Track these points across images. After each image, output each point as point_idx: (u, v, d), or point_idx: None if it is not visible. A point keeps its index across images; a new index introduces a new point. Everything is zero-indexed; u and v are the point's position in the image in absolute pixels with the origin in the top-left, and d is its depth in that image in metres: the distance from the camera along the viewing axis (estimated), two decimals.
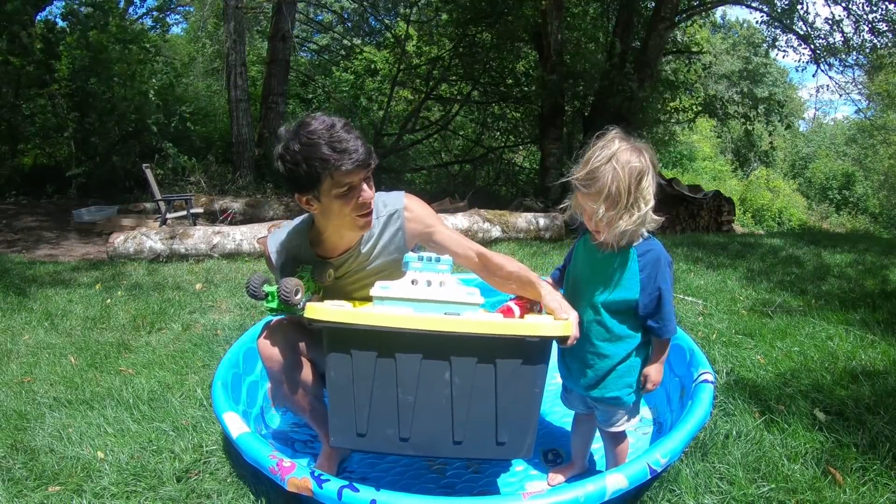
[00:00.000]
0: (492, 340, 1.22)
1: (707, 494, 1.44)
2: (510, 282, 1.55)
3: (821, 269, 3.98)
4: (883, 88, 15.94)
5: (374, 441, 1.25)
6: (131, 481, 1.56)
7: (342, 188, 1.37)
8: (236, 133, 9.32)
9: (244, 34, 9.73)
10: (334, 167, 1.33)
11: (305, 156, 1.33)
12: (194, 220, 6.48)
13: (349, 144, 1.34)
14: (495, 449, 1.28)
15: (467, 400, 1.25)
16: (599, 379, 1.43)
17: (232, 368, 1.86)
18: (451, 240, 1.60)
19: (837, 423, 1.74)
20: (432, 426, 1.26)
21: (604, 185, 1.27)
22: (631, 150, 1.29)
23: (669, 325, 1.38)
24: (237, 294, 3.50)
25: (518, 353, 1.24)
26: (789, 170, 25.47)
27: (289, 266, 1.57)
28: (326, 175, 1.35)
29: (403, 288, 1.31)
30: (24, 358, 2.52)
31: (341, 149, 1.33)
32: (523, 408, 1.27)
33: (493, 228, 5.61)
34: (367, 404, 1.25)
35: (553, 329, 1.26)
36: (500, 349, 1.23)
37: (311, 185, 1.37)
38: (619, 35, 9.23)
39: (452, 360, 1.24)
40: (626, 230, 1.30)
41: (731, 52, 24.56)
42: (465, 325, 1.22)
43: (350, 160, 1.34)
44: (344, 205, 1.40)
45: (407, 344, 1.23)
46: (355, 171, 1.36)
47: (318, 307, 1.24)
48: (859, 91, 12.73)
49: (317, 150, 1.32)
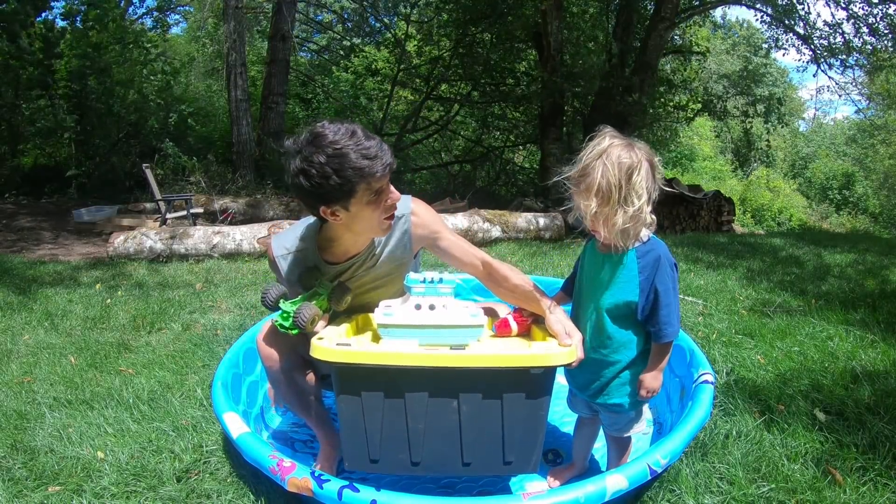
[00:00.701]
0: (497, 373, 1.25)
1: (707, 494, 1.44)
2: (514, 294, 1.54)
3: (821, 270, 3.99)
4: (883, 88, 15.94)
5: (387, 465, 1.28)
6: (131, 481, 1.55)
7: (373, 195, 1.36)
8: (236, 133, 9.32)
9: (244, 34, 9.72)
10: (370, 174, 1.31)
11: (336, 167, 1.29)
12: (194, 220, 6.48)
13: (377, 150, 1.33)
14: (502, 468, 1.31)
15: (475, 425, 1.28)
16: (603, 386, 1.43)
17: (232, 368, 1.86)
18: (456, 247, 1.59)
19: (837, 423, 1.74)
20: (442, 450, 1.30)
21: (594, 181, 1.26)
22: (622, 146, 1.28)
23: (668, 329, 1.34)
24: (237, 294, 3.50)
25: (523, 382, 1.27)
26: (789, 170, 25.47)
27: (295, 274, 1.55)
28: (362, 184, 1.32)
29: (407, 314, 1.32)
30: (24, 358, 2.52)
31: (372, 155, 1.31)
32: (529, 429, 1.30)
33: (493, 228, 5.60)
34: (379, 434, 1.28)
35: (557, 359, 1.27)
36: (506, 380, 1.26)
37: (343, 196, 1.34)
38: (618, 35, 9.23)
39: (460, 391, 1.26)
40: (625, 228, 1.28)
41: (731, 52, 24.56)
42: (471, 359, 1.23)
43: (382, 165, 1.33)
44: (374, 210, 1.39)
45: (415, 379, 1.25)
46: (386, 175, 1.36)
47: (325, 347, 1.24)
48: (859, 91, 12.73)
49: (347, 161, 1.29)
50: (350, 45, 13.85)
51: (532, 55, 10.49)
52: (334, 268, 1.56)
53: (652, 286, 1.34)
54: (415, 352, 1.24)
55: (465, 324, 1.31)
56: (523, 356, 1.26)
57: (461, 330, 1.31)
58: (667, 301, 1.34)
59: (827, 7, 9.85)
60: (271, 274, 3.97)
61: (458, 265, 1.62)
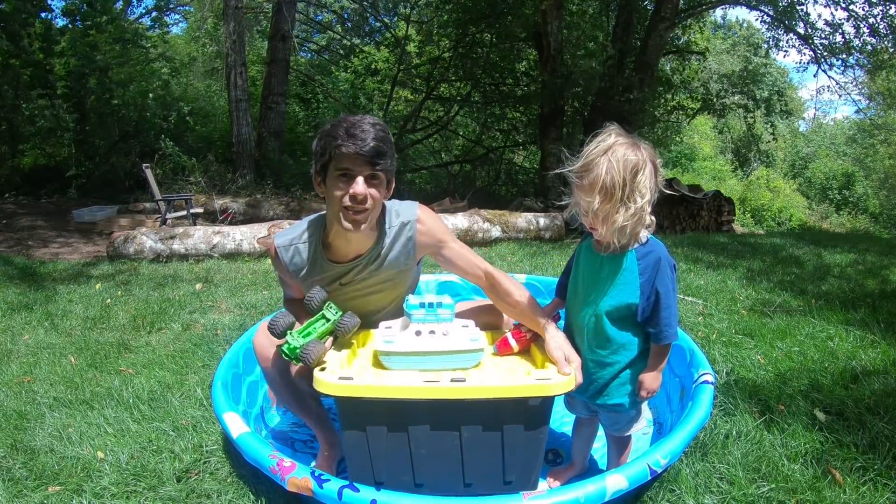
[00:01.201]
0: (497, 403, 1.27)
1: (707, 494, 1.44)
2: (514, 309, 1.54)
3: (821, 270, 3.99)
4: (884, 88, 15.93)
5: (392, 486, 1.31)
6: (131, 481, 1.55)
7: (340, 171, 1.41)
8: (236, 133, 9.32)
9: (244, 34, 9.72)
10: (336, 146, 1.39)
11: (325, 132, 1.44)
12: (194, 219, 6.48)
13: (362, 134, 1.39)
14: (503, 487, 1.34)
15: (476, 451, 1.32)
16: (602, 387, 1.42)
17: (232, 368, 1.86)
18: (460, 257, 1.59)
19: (837, 423, 1.74)
20: (444, 473, 1.34)
21: (598, 177, 1.24)
22: (628, 144, 1.27)
23: (668, 331, 1.34)
24: (237, 294, 3.50)
25: (523, 412, 1.29)
26: (789, 170, 25.45)
27: (296, 266, 1.55)
28: (329, 152, 1.41)
29: (408, 341, 1.35)
30: (24, 358, 2.52)
31: (351, 134, 1.39)
32: (530, 452, 1.34)
33: (493, 228, 5.60)
34: (383, 458, 1.31)
35: (556, 389, 1.28)
36: (506, 409, 1.28)
37: (321, 164, 1.45)
38: (619, 35, 9.23)
39: (461, 422, 1.30)
40: (624, 226, 1.27)
41: (731, 51, 24.54)
42: (472, 391, 1.25)
43: (353, 145, 1.38)
44: (337, 191, 1.42)
45: (417, 409, 1.28)
46: (355, 157, 1.39)
47: (328, 382, 1.25)
48: (860, 91, 12.74)
49: (333, 130, 1.41)
50: (350, 45, 13.86)
51: (532, 55, 10.49)
52: (338, 267, 1.56)
53: (653, 288, 1.33)
54: (416, 385, 1.26)
55: (465, 349, 1.35)
56: (522, 387, 1.27)
57: (462, 355, 1.35)
58: (668, 303, 1.33)
59: (827, 7, 9.87)
60: (271, 274, 3.99)
61: (461, 275, 1.62)
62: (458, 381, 1.25)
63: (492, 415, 1.28)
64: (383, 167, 1.43)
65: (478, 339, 1.36)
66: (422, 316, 1.38)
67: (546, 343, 1.42)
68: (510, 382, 1.30)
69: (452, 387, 1.24)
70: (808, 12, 10.86)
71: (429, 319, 1.38)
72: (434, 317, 1.38)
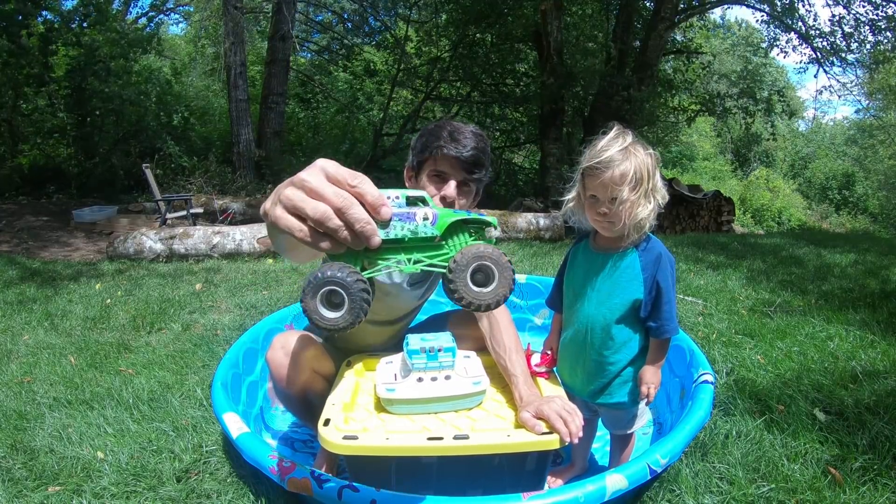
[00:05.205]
0: (500, 458, 1.33)
1: (707, 494, 1.44)
2: (500, 360, 1.50)
3: (821, 270, 3.98)
4: (885, 84, 15.92)
5: None
6: (131, 481, 1.55)
7: (436, 172, 1.47)
8: (236, 133, 9.32)
9: (244, 34, 9.72)
10: (437, 147, 1.45)
11: (427, 130, 1.50)
12: (194, 220, 6.48)
13: (464, 140, 1.45)
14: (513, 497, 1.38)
15: (483, 482, 1.36)
16: (604, 386, 1.42)
17: (232, 368, 1.86)
18: None
19: (837, 423, 1.74)
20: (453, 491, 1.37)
21: (628, 169, 1.26)
22: (642, 145, 1.32)
23: (668, 325, 1.35)
24: (237, 294, 3.50)
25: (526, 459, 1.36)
26: (789, 170, 25.46)
27: None
28: (429, 151, 1.46)
29: (410, 388, 1.37)
30: (24, 358, 2.52)
31: (455, 138, 1.45)
32: (535, 479, 1.39)
33: (493, 229, 5.60)
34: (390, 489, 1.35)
35: (555, 444, 1.28)
36: (511, 457, 1.33)
37: (419, 158, 1.50)
38: (618, 35, 9.23)
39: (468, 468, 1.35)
40: (643, 220, 1.29)
41: (731, 51, 24.55)
42: (474, 448, 1.27)
43: (454, 149, 1.44)
44: (430, 188, 1.47)
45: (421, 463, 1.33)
46: (454, 161, 1.44)
47: (333, 441, 1.25)
48: (860, 90, 12.74)
49: (437, 131, 1.48)
50: (350, 45, 13.86)
51: (532, 55, 10.50)
52: None
53: (654, 282, 1.34)
54: (420, 444, 1.27)
55: (467, 393, 1.37)
56: (525, 443, 1.28)
57: (464, 399, 1.38)
58: (668, 297, 1.34)
59: (827, 7, 9.86)
60: (271, 274, 3.98)
61: None
62: (461, 439, 1.26)
63: (496, 459, 1.34)
64: (478, 176, 1.48)
65: (479, 381, 1.38)
66: (423, 365, 1.38)
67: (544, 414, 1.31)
68: (514, 439, 1.29)
69: (456, 444, 1.26)
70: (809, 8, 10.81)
71: (430, 367, 1.39)
72: (436, 365, 1.39)
